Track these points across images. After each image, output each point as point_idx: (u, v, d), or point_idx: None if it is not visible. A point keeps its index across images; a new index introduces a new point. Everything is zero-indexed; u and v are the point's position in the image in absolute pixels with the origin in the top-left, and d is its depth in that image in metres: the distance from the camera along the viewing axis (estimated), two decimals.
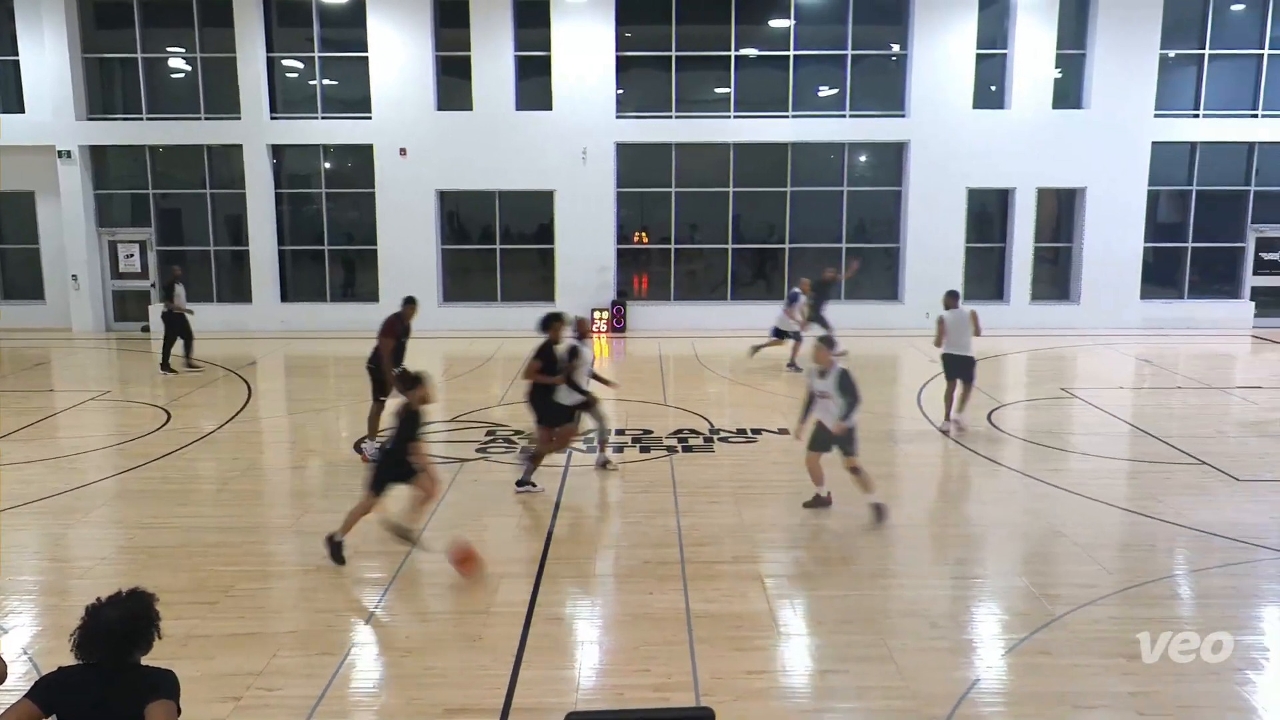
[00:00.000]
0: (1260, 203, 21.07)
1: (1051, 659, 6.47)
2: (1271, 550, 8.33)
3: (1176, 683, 6.15)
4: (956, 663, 6.46)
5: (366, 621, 7.10)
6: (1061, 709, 5.87)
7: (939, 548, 8.57)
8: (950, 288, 13.52)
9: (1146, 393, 15.19)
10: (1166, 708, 5.86)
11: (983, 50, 20.17)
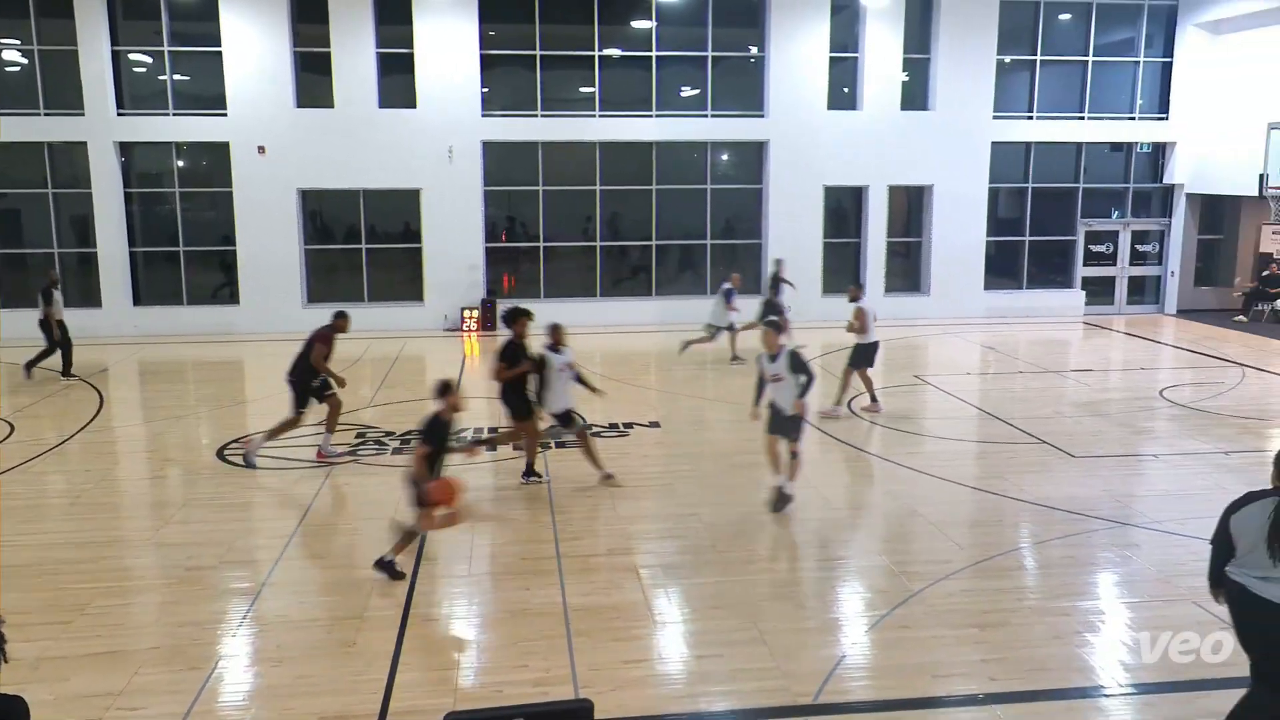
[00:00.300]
0: (1088, 199, 22.43)
1: (911, 632, 6.75)
2: (1104, 521, 8.89)
3: (1024, 648, 6.51)
4: (824, 641, 6.66)
5: (234, 633, 6.83)
6: (922, 679, 6.13)
7: (805, 532, 8.82)
8: (852, 281, 14.01)
9: (991, 378, 15.98)
10: (1016, 672, 6.20)
11: (835, 54, 20.80)
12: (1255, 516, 4.86)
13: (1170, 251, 22.67)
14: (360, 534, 8.78)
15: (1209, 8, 20.94)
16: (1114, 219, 22.61)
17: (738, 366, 16.16)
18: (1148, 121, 22.16)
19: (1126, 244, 22.63)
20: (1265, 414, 13.10)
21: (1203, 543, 8.29)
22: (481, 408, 13.40)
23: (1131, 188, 22.57)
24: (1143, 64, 22.02)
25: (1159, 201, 22.76)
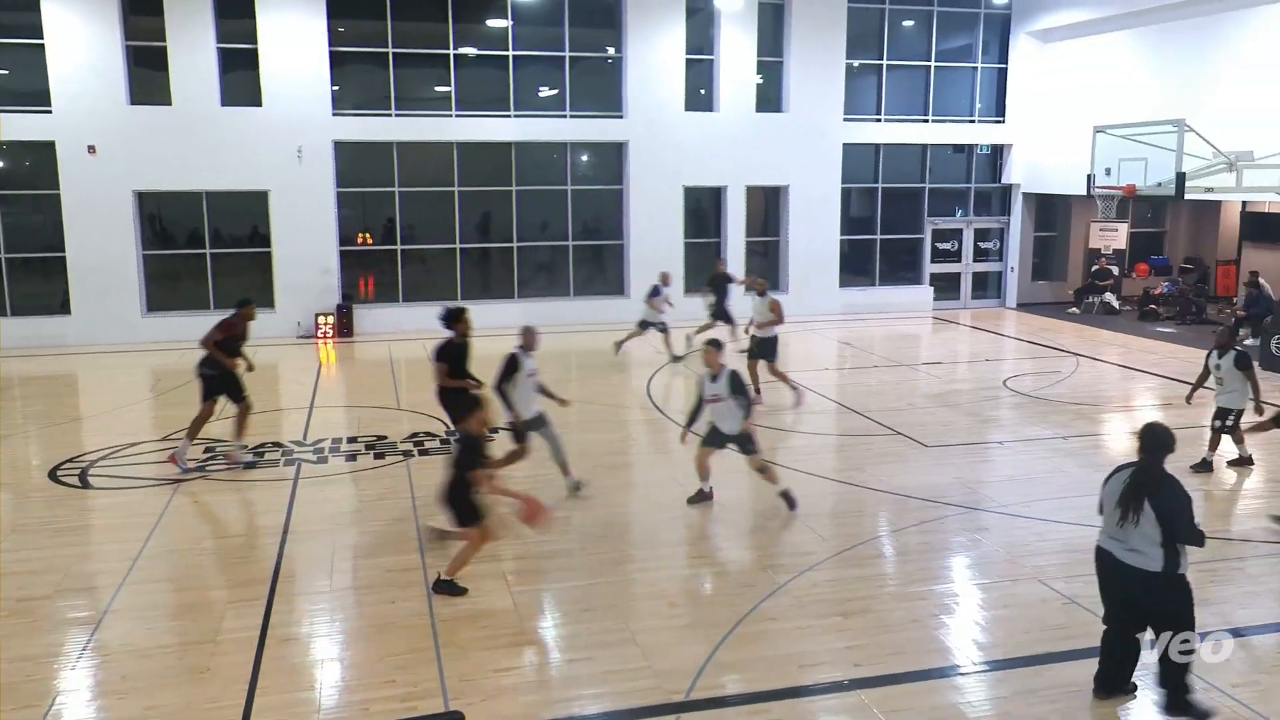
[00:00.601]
0: (934, 198, 23.50)
1: (779, 624, 6.92)
2: (956, 507, 9.33)
3: (885, 633, 6.77)
4: (694, 638, 6.75)
5: (73, 666, 6.42)
6: (789, 669, 6.29)
7: (674, 529, 8.92)
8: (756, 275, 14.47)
9: (848, 372, 16.54)
10: (878, 656, 6.43)
11: (692, 56, 21.14)
12: (1116, 485, 5.62)
13: (1010, 248, 23.96)
14: (212, 554, 8.39)
15: (1038, 17, 22.25)
16: (958, 218, 23.76)
17: (672, 366, 16.29)
18: (986, 125, 23.37)
19: (970, 242, 23.81)
20: (1098, 400, 14.01)
21: (1046, 523, 8.85)
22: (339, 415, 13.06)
23: (973, 188, 23.76)
24: (980, 70, 23.22)
25: (998, 201, 24.03)
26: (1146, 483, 5.46)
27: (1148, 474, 5.50)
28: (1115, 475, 5.70)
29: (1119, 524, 5.50)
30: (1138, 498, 5.43)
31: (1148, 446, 5.57)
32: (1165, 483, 5.49)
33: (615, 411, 13.37)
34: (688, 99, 21.08)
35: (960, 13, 22.75)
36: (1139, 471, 5.54)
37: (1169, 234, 25.03)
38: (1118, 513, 5.50)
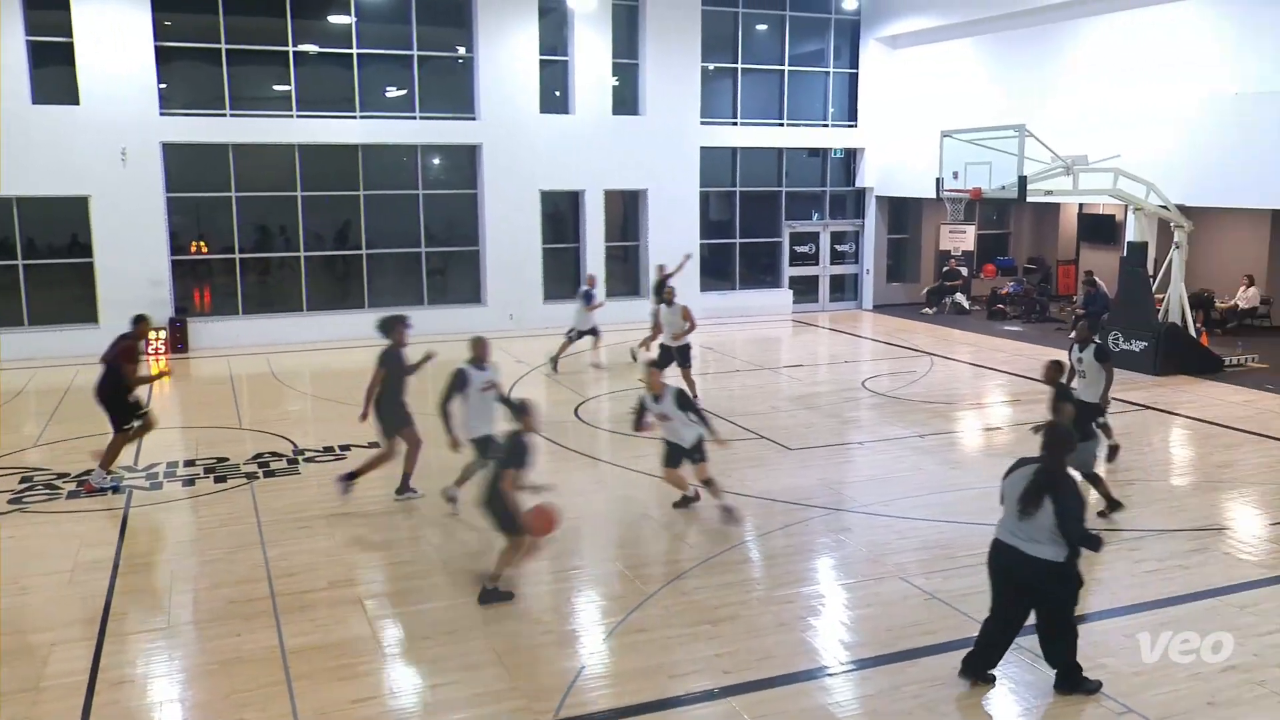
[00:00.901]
0: (791, 202, 24.20)
1: (648, 635, 6.97)
2: (821, 509, 9.62)
3: (753, 639, 6.91)
4: (562, 654, 6.74)
5: None
6: (660, 679, 6.35)
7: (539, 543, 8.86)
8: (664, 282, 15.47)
9: (711, 377, 16.83)
10: (747, 663, 6.56)
11: (546, 56, 21.13)
12: (1019, 480, 5.93)
13: (865, 251, 24.89)
14: (33, 591, 7.86)
15: (887, 24, 23.22)
16: (814, 221, 24.53)
17: (595, 373, 16.29)
18: (840, 129, 24.21)
19: (826, 244, 24.62)
20: (951, 398, 14.69)
21: (905, 521, 9.22)
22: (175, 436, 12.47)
23: (828, 191, 24.58)
24: (832, 74, 24.06)
25: (853, 204, 24.93)
26: (1048, 482, 5.79)
27: (1050, 474, 5.84)
28: (1016, 470, 6.02)
29: (1019, 517, 5.81)
30: (1039, 495, 5.75)
31: (1050, 445, 5.94)
32: (1065, 483, 5.85)
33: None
34: (542, 101, 21.05)
35: (812, 18, 23.52)
36: (1041, 471, 5.85)
37: (1013, 235, 26.50)
38: (1019, 508, 5.81)
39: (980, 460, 11.57)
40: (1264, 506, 9.83)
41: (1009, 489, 5.98)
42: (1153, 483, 10.50)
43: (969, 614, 7.24)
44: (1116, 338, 16.42)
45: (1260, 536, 8.96)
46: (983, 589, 7.75)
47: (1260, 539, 8.89)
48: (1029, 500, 5.77)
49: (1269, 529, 9.14)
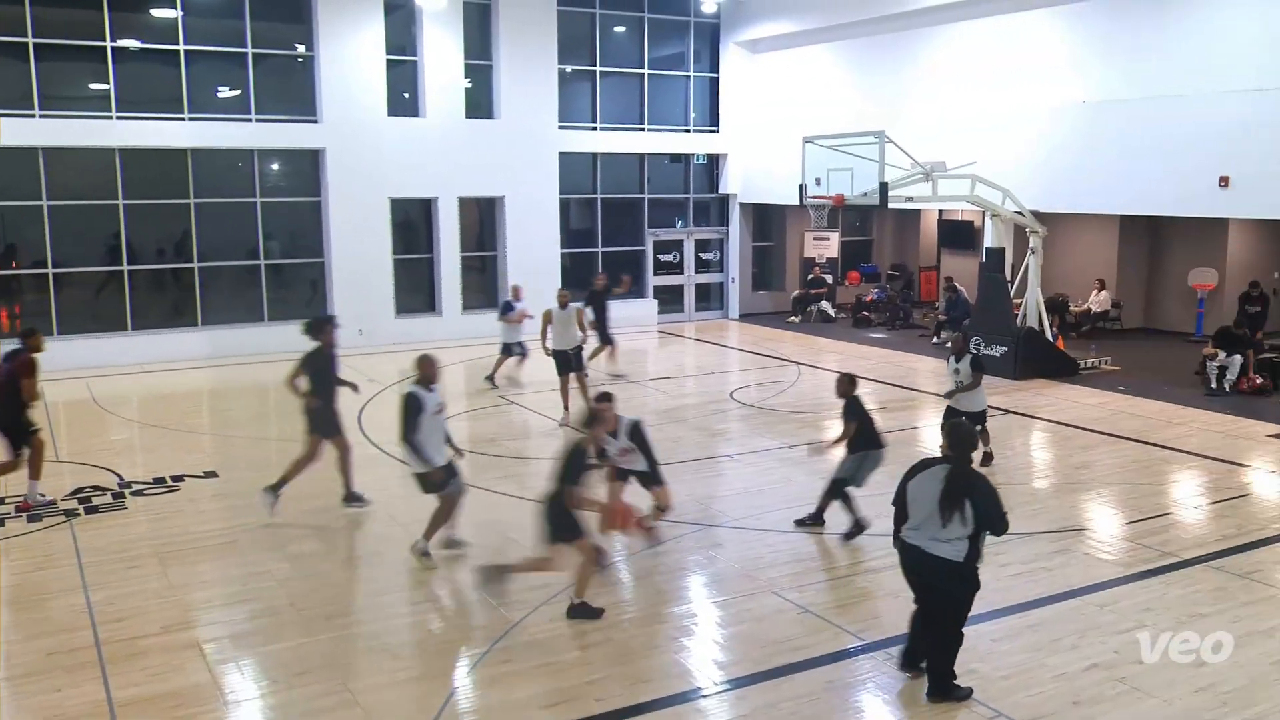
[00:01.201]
0: (654, 209, 24.49)
1: (515, 665, 6.91)
2: (691, 524, 9.73)
3: (626, 663, 6.94)
4: (424, 691, 6.61)
5: None
6: (530, 712, 6.30)
7: (394, 575, 8.69)
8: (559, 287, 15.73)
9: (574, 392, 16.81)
10: (620, 688, 6.58)
11: (393, 56, 20.79)
12: (927, 484, 6.09)
13: (729, 259, 25.39)
14: None
15: (746, 28, 23.80)
16: (678, 228, 24.89)
17: (486, 387, 16.17)
18: (702, 134, 24.66)
19: (691, 253, 25.00)
20: (819, 407, 15.11)
21: (777, 534, 9.43)
22: None
23: (692, 198, 24.99)
24: (693, 79, 24.50)
25: (717, 211, 25.41)
26: (964, 485, 6.04)
27: (964, 476, 6.09)
28: (921, 474, 6.22)
29: (943, 524, 6.01)
30: (960, 500, 5.98)
31: (956, 446, 6.20)
32: (979, 482, 6.15)
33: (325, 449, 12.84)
34: (390, 103, 20.71)
35: (671, 20, 23.90)
36: (955, 474, 6.07)
37: (876, 242, 27.51)
38: (938, 513, 6.01)
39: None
40: (1120, 506, 10.46)
41: (917, 493, 6.17)
42: (1015, 486, 11.04)
43: (843, 626, 7.46)
44: (978, 343, 17.22)
45: (1117, 536, 9.53)
46: (857, 599, 8.03)
47: (1117, 538, 9.46)
48: (950, 506, 5.98)
49: (1125, 528, 9.73)
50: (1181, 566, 8.61)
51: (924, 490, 6.14)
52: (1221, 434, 13.21)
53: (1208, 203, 15.30)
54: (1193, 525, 9.83)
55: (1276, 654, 6.99)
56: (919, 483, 6.21)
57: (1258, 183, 14.44)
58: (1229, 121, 14.77)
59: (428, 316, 21.39)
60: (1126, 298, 21.68)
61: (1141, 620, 7.51)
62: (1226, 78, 14.99)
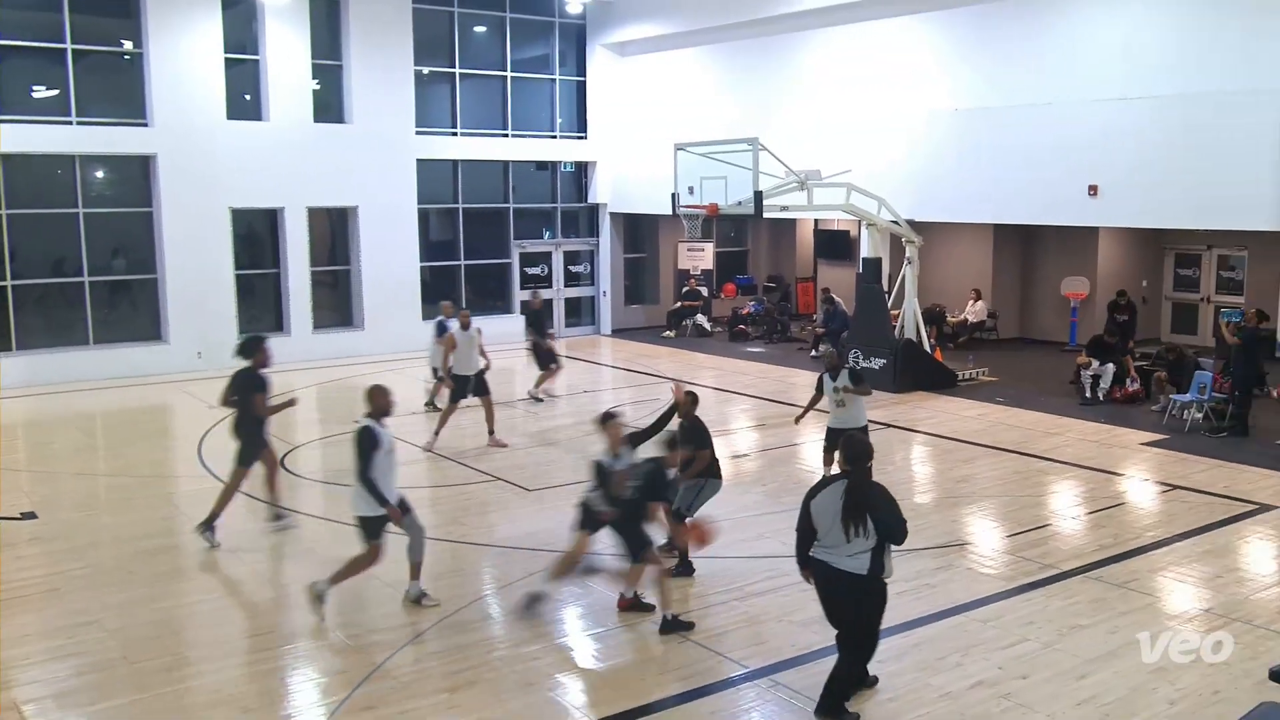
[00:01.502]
0: (519, 220, 24.42)
1: (378, 711, 6.76)
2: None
3: (497, 705, 6.87)
4: None
5: None
6: None
7: (240, 620, 8.42)
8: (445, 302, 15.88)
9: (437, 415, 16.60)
10: None
11: (232, 55, 20.23)
12: (829, 501, 6.34)
13: (600, 271, 25.51)
14: None
15: (613, 30, 24.02)
16: (546, 240, 24.88)
17: (427, 413, 15.79)
18: (569, 140, 24.75)
19: (560, 265, 25.02)
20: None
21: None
22: None
23: (559, 208, 25.03)
24: (559, 82, 24.58)
25: (586, 221, 25.51)
26: (865, 499, 6.33)
27: (863, 490, 6.37)
28: (822, 491, 6.47)
29: (847, 538, 6.28)
30: (860, 512, 6.25)
31: (852, 459, 6.48)
32: (877, 492, 6.47)
33: (157, 484, 12.37)
34: (230, 106, 20.13)
35: (534, 21, 23.95)
36: (854, 488, 6.34)
37: (752, 253, 28.06)
38: (840, 528, 6.27)
39: (729, 489, 12.07)
40: (1001, 519, 10.89)
41: (820, 510, 6.42)
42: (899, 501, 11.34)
43: (725, 654, 7.54)
44: (857, 355, 17.70)
45: (999, 549, 9.92)
46: (740, 625, 8.13)
47: (999, 551, 9.84)
48: (852, 520, 6.25)
49: (1006, 541, 10.13)
50: (1061, 578, 9.00)
51: (826, 507, 6.37)
52: (1097, 443, 13.89)
53: (1078, 211, 16.12)
54: (1071, 536, 10.30)
55: (1155, 664, 7.36)
56: (821, 500, 6.43)
57: (1126, 191, 15.29)
58: (1097, 130, 15.61)
59: (275, 336, 20.73)
60: (1002, 307, 22.63)
61: (1024, 635, 7.82)
62: (1093, 86, 15.84)
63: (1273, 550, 9.97)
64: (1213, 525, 10.44)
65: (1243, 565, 9.56)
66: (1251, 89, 13.76)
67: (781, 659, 7.48)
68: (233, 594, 8.89)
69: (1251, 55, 14.08)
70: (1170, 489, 11.78)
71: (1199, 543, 9.96)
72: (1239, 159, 13.80)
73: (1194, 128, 14.38)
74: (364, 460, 8.11)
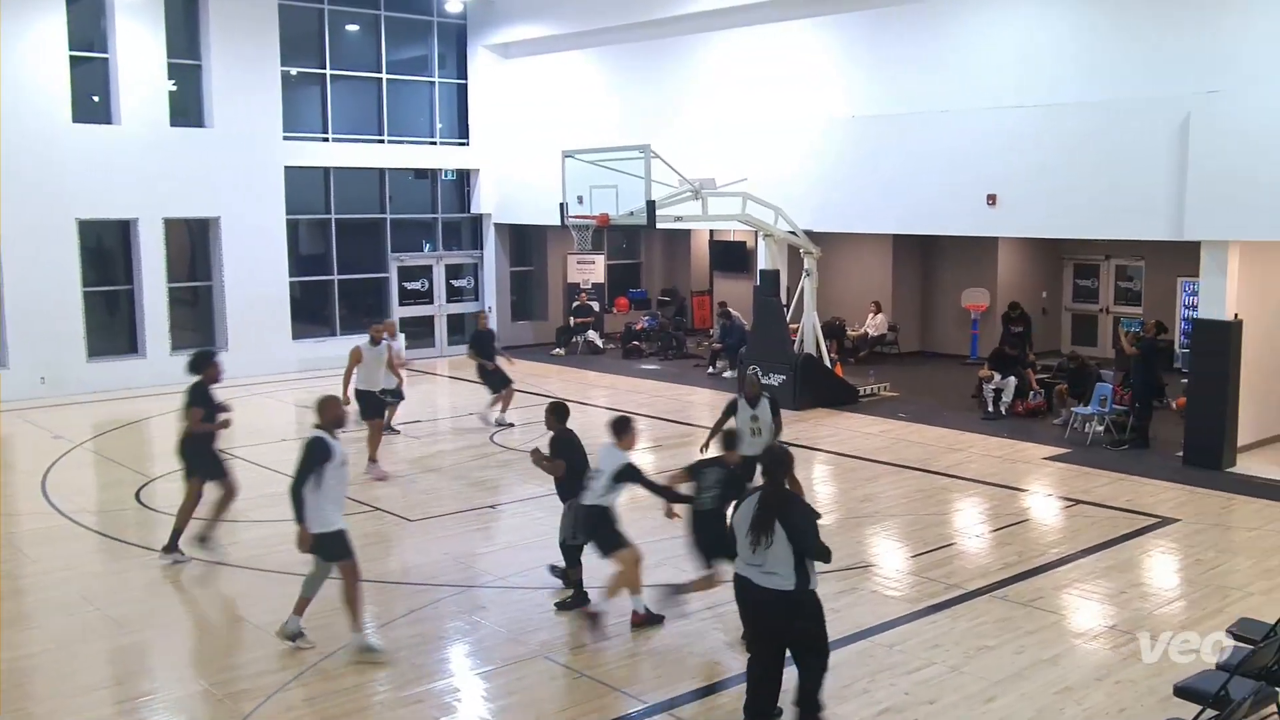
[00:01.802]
0: (397, 231, 24.14)
1: None
2: (450, 587, 9.60)
3: None
4: None
5: None
6: None
7: (88, 669, 8.11)
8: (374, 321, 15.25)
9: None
10: None
11: (78, 52, 19.61)
12: (745, 512, 6.57)
13: (485, 286, 25.36)
14: None
15: (496, 30, 23.98)
16: (426, 252, 24.65)
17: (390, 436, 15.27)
18: (449, 147, 24.59)
19: (441, 279, 24.80)
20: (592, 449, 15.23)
21: (548, 592, 9.42)
22: None
23: (440, 218, 24.83)
24: (438, 85, 24.42)
25: (469, 233, 25.36)
26: (774, 504, 6.42)
27: (774, 496, 6.49)
28: (745, 502, 6.68)
29: (753, 549, 6.41)
30: (768, 519, 6.36)
31: (770, 468, 6.65)
32: (791, 501, 6.58)
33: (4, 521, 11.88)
34: (76, 107, 19.50)
35: (411, 19, 23.77)
36: (765, 496, 6.49)
37: (645, 265, 28.23)
38: (750, 537, 6.41)
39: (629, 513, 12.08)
40: (905, 539, 11.12)
41: (739, 522, 6.59)
42: None
43: (623, 690, 7.53)
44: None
45: (903, 570, 10.13)
46: (636, 658, 8.13)
47: (904, 573, 10.05)
48: (759, 529, 6.37)
49: (911, 561, 10.35)
50: (967, 598, 9.23)
51: (743, 518, 6.52)
52: (1000, 458, 14.31)
53: (977, 221, 16.59)
54: (976, 555, 10.58)
55: (1060, 683, 7.60)
56: (742, 511, 6.60)
57: (1024, 200, 15.80)
58: (995, 138, 16.10)
59: (128, 359, 20.16)
60: (902, 320, 23.19)
61: (931, 658, 7.99)
62: (990, 93, 16.34)
63: (1175, 564, 10.38)
64: (1116, 540, 10.85)
65: (1146, 580, 9.95)
66: (1148, 97, 14.36)
67: (681, 691, 7.50)
68: (83, 641, 8.54)
69: (1149, 63, 14.70)
70: (1073, 504, 12.20)
71: (1102, 558, 10.32)
72: (1136, 167, 14.37)
73: (1092, 136, 14.94)
74: (304, 472, 7.90)
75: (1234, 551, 10.61)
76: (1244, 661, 6.20)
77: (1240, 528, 11.41)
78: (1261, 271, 14.29)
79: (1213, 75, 13.74)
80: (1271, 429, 14.94)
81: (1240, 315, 13.62)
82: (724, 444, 9.06)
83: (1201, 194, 13.46)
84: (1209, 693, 6.03)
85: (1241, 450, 13.99)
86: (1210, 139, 13.38)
